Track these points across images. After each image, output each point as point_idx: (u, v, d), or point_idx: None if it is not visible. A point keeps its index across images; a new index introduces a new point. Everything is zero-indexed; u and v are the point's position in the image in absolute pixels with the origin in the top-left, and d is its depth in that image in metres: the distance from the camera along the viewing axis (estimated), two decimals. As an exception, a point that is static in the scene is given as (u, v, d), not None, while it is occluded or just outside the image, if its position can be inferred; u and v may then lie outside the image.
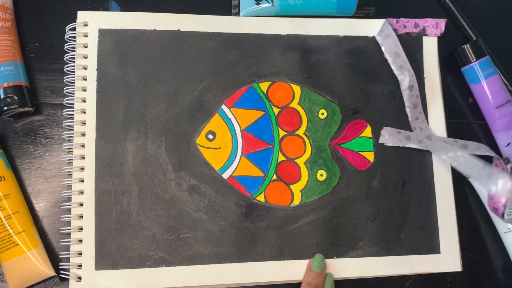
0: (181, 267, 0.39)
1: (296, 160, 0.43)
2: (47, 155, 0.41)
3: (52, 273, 0.38)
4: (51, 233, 0.40)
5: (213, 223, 0.40)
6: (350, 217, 0.42)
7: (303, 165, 0.43)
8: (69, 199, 0.39)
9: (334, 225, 0.42)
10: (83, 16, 0.42)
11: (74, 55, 0.41)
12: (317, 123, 0.44)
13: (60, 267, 0.38)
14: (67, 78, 0.41)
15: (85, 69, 0.41)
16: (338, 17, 0.46)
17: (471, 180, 0.45)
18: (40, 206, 0.41)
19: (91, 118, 0.40)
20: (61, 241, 0.39)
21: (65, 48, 0.42)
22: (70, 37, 0.42)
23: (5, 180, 0.39)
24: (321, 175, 0.43)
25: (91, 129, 0.40)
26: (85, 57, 0.41)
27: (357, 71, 0.45)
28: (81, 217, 0.39)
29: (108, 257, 0.39)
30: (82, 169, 0.40)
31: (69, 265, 0.38)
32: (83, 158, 0.40)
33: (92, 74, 0.41)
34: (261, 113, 0.43)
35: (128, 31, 0.42)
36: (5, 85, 0.40)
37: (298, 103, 0.44)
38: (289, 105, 0.44)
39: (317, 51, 0.45)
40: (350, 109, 0.44)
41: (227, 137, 0.42)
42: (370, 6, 0.46)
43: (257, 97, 0.43)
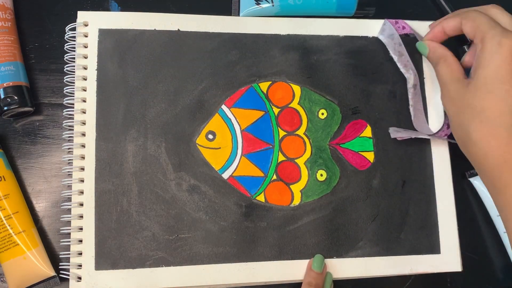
0: (181, 267, 0.39)
1: (296, 160, 0.43)
2: (47, 155, 0.41)
3: (52, 273, 0.38)
4: (51, 233, 0.40)
5: (213, 223, 0.40)
6: (350, 217, 0.42)
7: (303, 165, 0.43)
8: (69, 199, 0.39)
9: (334, 225, 0.42)
10: (83, 16, 0.42)
11: (74, 55, 0.41)
12: (317, 123, 0.44)
13: (60, 267, 0.38)
14: (67, 78, 0.41)
15: (85, 69, 0.41)
16: (338, 17, 0.46)
17: (471, 180, 0.45)
18: (40, 206, 0.40)
19: (91, 118, 0.40)
20: (61, 241, 0.39)
21: (65, 48, 0.42)
22: (70, 37, 0.42)
23: (5, 180, 0.39)
24: (321, 175, 0.43)
25: (91, 129, 0.40)
26: (85, 57, 0.41)
27: (357, 71, 0.45)
28: (81, 217, 0.39)
29: (108, 257, 0.39)
30: (82, 169, 0.40)
31: (69, 265, 0.38)
32: (83, 158, 0.40)
33: (92, 74, 0.41)
34: (261, 113, 0.43)
35: (128, 31, 0.42)
36: (5, 85, 0.40)
37: (298, 103, 0.44)
38: (289, 105, 0.44)
39: (317, 51, 0.45)
40: (350, 109, 0.44)
41: (227, 137, 0.42)
42: (370, 6, 0.46)
43: (257, 97, 0.43)
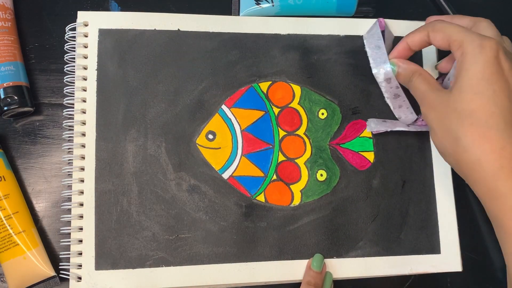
0: (181, 267, 0.39)
1: (296, 160, 0.43)
2: (47, 155, 0.41)
3: (52, 273, 0.38)
4: (51, 233, 0.40)
5: (213, 223, 0.40)
6: (350, 217, 0.42)
7: (303, 165, 0.43)
8: (69, 199, 0.39)
9: (334, 225, 0.42)
10: (83, 16, 0.42)
11: (74, 55, 0.41)
12: (317, 123, 0.44)
13: (60, 267, 0.38)
14: (67, 78, 0.41)
15: (85, 69, 0.41)
16: (338, 17, 0.46)
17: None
18: (40, 206, 0.40)
19: (91, 118, 0.40)
20: (61, 241, 0.39)
21: (65, 48, 0.42)
22: (70, 37, 0.42)
23: (5, 180, 0.39)
24: (321, 175, 0.43)
25: (91, 129, 0.40)
26: (85, 57, 0.41)
27: (357, 71, 0.45)
28: (81, 217, 0.39)
29: (108, 257, 0.39)
30: (82, 169, 0.40)
31: (69, 265, 0.38)
32: (83, 158, 0.40)
33: (92, 74, 0.41)
34: (261, 113, 0.43)
35: (128, 31, 0.42)
36: (5, 85, 0.39)
37: (298, 103, 0.44)
38: (289, 105, 0.44)
39: (317, 51, 0.45)
40: (350, 109, 0.44)
41: (227, 137, 0.42)
42: (370, 6, 0.46)
43: (257, 97, 0.43)
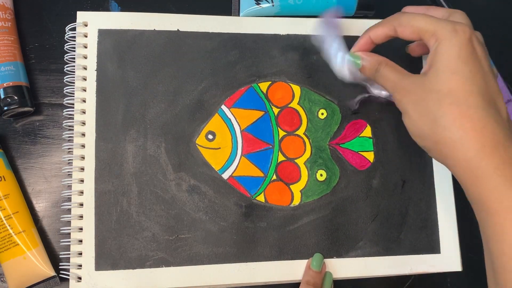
0: (181, 268, 0.39)
1: (296, 160, 0.43)
2: (47, 155, 0.41)
3: (52, 273, 0.38)
4: (51, 233, 0.40)
5: (213, 224, 0.40)
6: (350, 217, 0.42)
7: (303, 165, 0.43)
8: (69, 199, 0.39)
9: (334, 225, 0.42)
10: (83, 16, 0.42)
11: (74, 55, 0.41)
12: (317, 123, 0.44)
13: (60, 267, 0.38)
14: (67, 78, 0.41)
15: (85, 69, 0.41)
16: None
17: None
18: (40, 206, 0.41)
19: (91, 118, 0.40)
20: (61, 241, 0.39)
21: (65, 48, 0.42)
22: (70, 37, 0.42)
23: (5, 180, 0.39)
24: (321, 175, 0.43)
25: (91, 129, 0.40)
26: (85, 57, 0.41)
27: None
28: (81, 217, 0.39)
29: (108, 257, 0.39)
30: (82, 169, 0.40)
31: (69, 265, 0.38)
32: (83, 158, 0.40)
33: (91, 74, 0.41)
34: (261, 113, 0.43)
35: (127, 31, 0.42)
36: (5, 85, 0.40)
37: (298, 103, 0.44)
38: (289, 105, 0.44)
39: (317, 51, 0.45)
40: (350, 109, 0.44)
41: (227, 137, 0.42)
42: (370, 6, 0.46)
43: (257, 97, 0.43)
